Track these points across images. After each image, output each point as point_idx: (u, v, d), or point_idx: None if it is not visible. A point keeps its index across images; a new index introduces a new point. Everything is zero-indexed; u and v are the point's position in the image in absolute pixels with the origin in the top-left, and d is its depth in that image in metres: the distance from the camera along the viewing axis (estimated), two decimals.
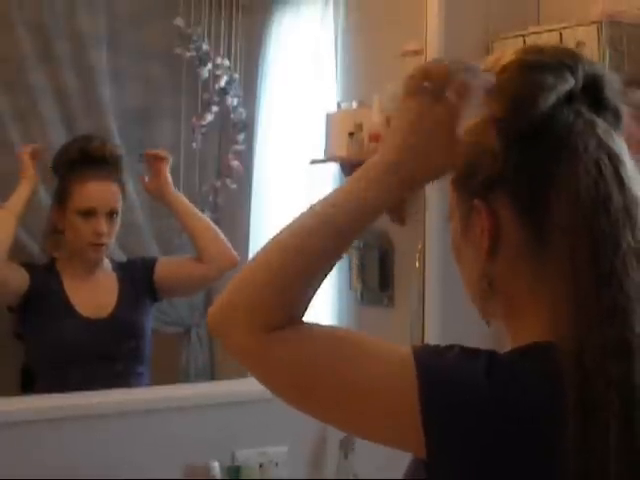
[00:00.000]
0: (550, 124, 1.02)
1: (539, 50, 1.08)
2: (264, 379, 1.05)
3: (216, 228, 2.62)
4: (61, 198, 2.45)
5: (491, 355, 0.99)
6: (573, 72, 1.04)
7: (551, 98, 1.02)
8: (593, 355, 0.95)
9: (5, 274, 2.36)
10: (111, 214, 2.46)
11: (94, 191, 2.44)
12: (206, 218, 2.66)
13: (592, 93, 1.05)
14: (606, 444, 0.93)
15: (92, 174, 2.44)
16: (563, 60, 1.05)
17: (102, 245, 2.46)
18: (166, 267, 2.59)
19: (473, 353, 0.99)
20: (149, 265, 2.57)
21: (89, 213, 2.43)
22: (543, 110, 1.02)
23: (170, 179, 2.58)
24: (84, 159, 2.45)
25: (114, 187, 2.48)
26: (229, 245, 2.58)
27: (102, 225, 2.43)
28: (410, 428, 0.96)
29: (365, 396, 0.99)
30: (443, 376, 0.97)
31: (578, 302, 0.97)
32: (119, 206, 2.49)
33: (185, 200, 2.60)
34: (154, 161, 2.59)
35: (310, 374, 1.01)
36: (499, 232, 1.04)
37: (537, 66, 1.04)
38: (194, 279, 2.61)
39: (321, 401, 1.02)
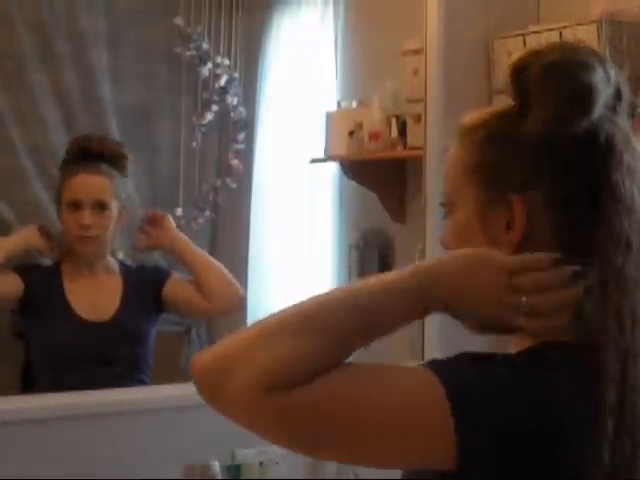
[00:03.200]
0: (596, 132, 1.03)
1: (577, 49, 1.07)
2: (272, 434, 0.98)
3: (224, 271, 2.58)
4: (58, 195, 2.46)
5: (506, 358, 1.00)
6: (609, 76, 1.04)
7: (601, 103, 1.02)
8: (620, 357, 0.97)
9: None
10: (99, 206, 2.44)
11: (79, 183, 2.44)
12: (213, 260, 2.61)
13: (617, 100, 1.06)
14: (634, 442, 0.96)
15: (82, 168, 2.44)
16: (602, 64, 1.05)
17: (89, 238, 2.45)
18: (176, 287, 2.56)
19: (485, 357, 0.99)
20: (161, 277, 2.55)
21: (75, 205, 2.42)
22: (595, 114, 1.02)
23: (177, 230, 2.58)
24: (81, 156, 2.45)
25: (102, 180, 2.46)
26: (237, 286, 2.58)
27: (86, 217, 2.41)
28: (440, 439, 0.94)
29: (393, 418, 0.96)
30: (468, 381, 0.96)
31: (610, 307, 0.98)
32: (107, 198, 2.46)
33: (192, 245, 2.59)
34: (157, 221, 2.58)
35: (330, 417, 0.96)
36: (529, 229, 1.04)
37: (586, 67, 1.03)
38: (199, 311, 2.62)
39: (343, 440, 0.97)
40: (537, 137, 1.03)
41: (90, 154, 2.45)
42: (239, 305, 2.60)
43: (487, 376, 0.97)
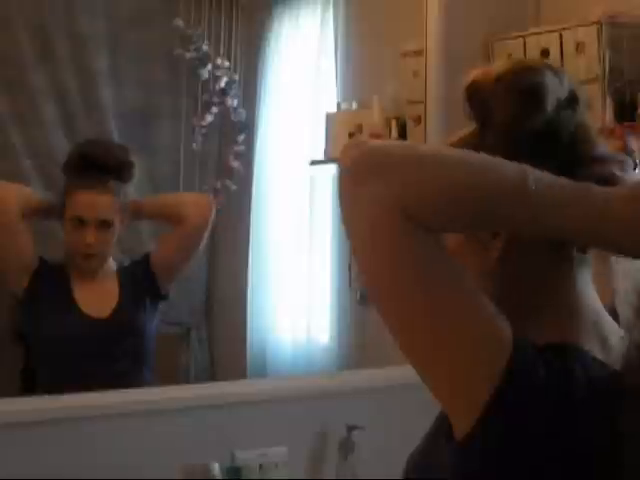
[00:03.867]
0: (555, 128, 1.05)
1: (525, 60, 1.16)
2: (362, 242, 0.99)
3: (175, 194, 2.74)
4: (60, 204, 2.45)
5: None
6: (561, 80, 1.07)
7: (553, 99, 1.05)
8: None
9: (21, 232, 2.37)
10: (103, 225, 2.44)
11: (84, 201, 2.43)
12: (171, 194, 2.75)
13: (574, 102, 1.08)
14: None
15: (87, 183, 2.43)
16: (552, 69, 1.08)
17: (92, 255, 2.46)
18: (158, 251, 2.61)
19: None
20: (144, 260, 2.58)
21: (79, 222, 2.42)
22: (548, 111, 1.04)
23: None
24: (85, 165, 2.44)
25: (108, 198, 2.45)
26: (200, 195, 2.73)
27: (90, 236, 2.41)
28: (482, 380, 0.95)
29: (463, 323, 0.96)
30: (532, 358, 0.97)
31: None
32: (112, 217, 2.46)
33: (150, 198, 2.66)
34: None
35: (427, 276, 0.96)
36: (509, 237, 1.06)
37: (532, 71, 1.07)
38: (186, 241, 2.61)
39: (415, 309, 0.97)
40: (498, 141, 1.05)
41: (96, 165, 2.44)
42: (209, 208, 2.62)
43: (539, 366, 0.97)
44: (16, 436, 2.03)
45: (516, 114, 1.04)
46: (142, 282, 2.55)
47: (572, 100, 1.08)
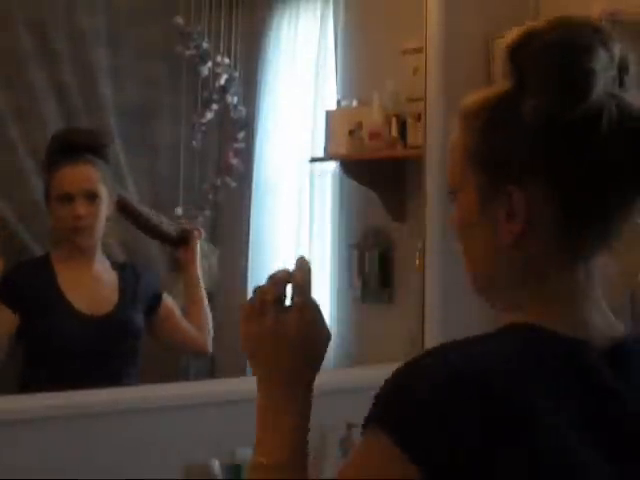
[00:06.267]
0: (597, 115, 0.99)
1: (578, 27, 1.05)
2: None
3: (209, 317, 2.72)
4: (45, 190, 2.45)
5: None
6: (612, 57, 1.01)
7: (600, 87, 0.99)
8: None
9: None
10: (89, 197, 2.43)
11: (67, 175, 2.43)
12: (205, 303, 2.72)
13: (624, 74, 1.03)
14: None
15: (67, 160, 2.43)
16: (604, 43, 1.02)
17: (83, 228, 2.44)
18: (166, 313, 2.62)
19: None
20: (156, 293, 2.60)
21: (66, 198, 2.41)
22: (592, 100, 0.99)
23: (198, 256, 2.67)
24: (62, 148, 2.44)
25: (89, 170, 2.45)
26: (209, 335, 2.71)
27: (79, 208, 2.40)
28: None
29: None
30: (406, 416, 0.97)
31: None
32: (97, 188, 2.44)
33: (200, 280, 2.68)
34: (190, 235, 2.68)
35: None
36: (530, 219, 1.02)
37: (584, 51, 1.01)
38: (187, 346, 2.73)
39: None
40: (532, 125, 1.00)
41: (71, 146, 2.45)
42: (205, 351, 2.73)
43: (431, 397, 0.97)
44: (14, 435, 2.03)
45: (555, 103, 0.99)
46: (144, 296, 2.55)
47: (623, 73, 1.02)
